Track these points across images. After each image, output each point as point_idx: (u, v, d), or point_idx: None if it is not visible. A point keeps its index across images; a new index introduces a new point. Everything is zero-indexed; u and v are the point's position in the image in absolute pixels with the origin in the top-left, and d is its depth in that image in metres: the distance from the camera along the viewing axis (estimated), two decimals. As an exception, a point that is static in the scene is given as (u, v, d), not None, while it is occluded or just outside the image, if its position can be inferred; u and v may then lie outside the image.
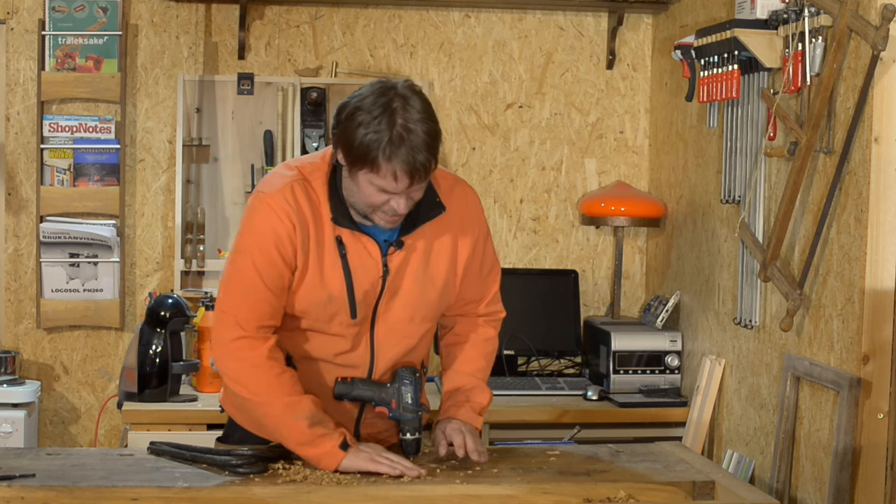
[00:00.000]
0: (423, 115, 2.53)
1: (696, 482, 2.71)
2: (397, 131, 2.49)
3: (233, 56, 4.61)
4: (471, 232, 2.80)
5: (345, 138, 2.54)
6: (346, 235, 2.66)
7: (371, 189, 2.56)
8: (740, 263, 3.81)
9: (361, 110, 2.51)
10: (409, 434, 2.74)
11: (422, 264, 2.73)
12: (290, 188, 2.64)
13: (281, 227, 2.62)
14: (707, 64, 3.81)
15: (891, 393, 3.11)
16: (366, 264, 2.67)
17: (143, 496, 2.50)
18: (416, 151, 2.49)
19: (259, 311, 2.65)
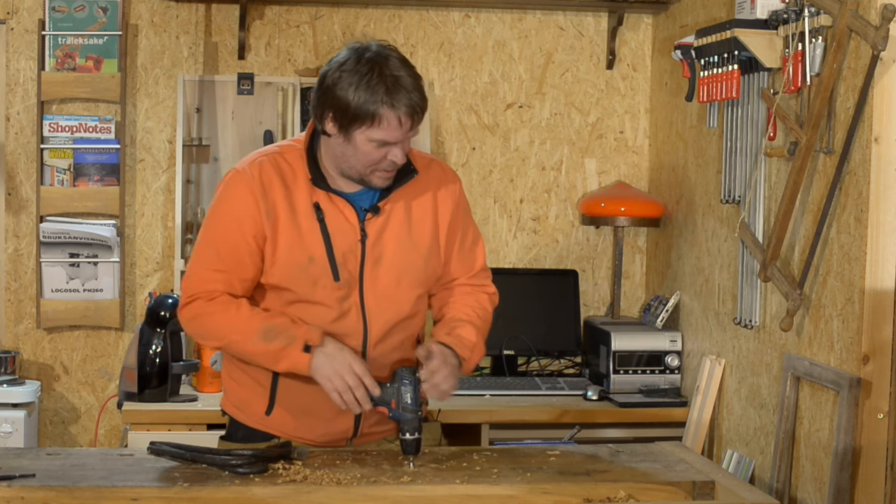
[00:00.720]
0: (404, 64, 2.66)
1: (696, 482, 2.71)
2: (390, 81, 2.61)
3: (233, 56, 4.61)
4: (450, 199, 2.87)
5: (336, 102, 2.63)
6: (324, 200, 2.74)
7: (370, 146, 2.65)
8: (740, 263, 3.81)
9: (346, 72, 2.63)
10: (409, 434, 2.74)
11: (404, 229, 2.79)
12: (258, 163, 2.75)
13: (241, 201, 2.72)
14: (707, 64, 3.81)
15: (891, 393, 3.11)
16: (343, 228, 2.75)
17: (143, 496, 2.50)
18: (412, 94, 2.63)
19: (210, 278, 2.74)
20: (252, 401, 2.87)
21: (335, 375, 2.69)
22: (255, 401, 2.86)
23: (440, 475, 2.69)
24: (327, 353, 2.70)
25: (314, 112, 2.71)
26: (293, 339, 2.70)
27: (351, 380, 2.70)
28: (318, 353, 2.70)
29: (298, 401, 2.83)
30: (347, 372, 2.69)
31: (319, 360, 2.69)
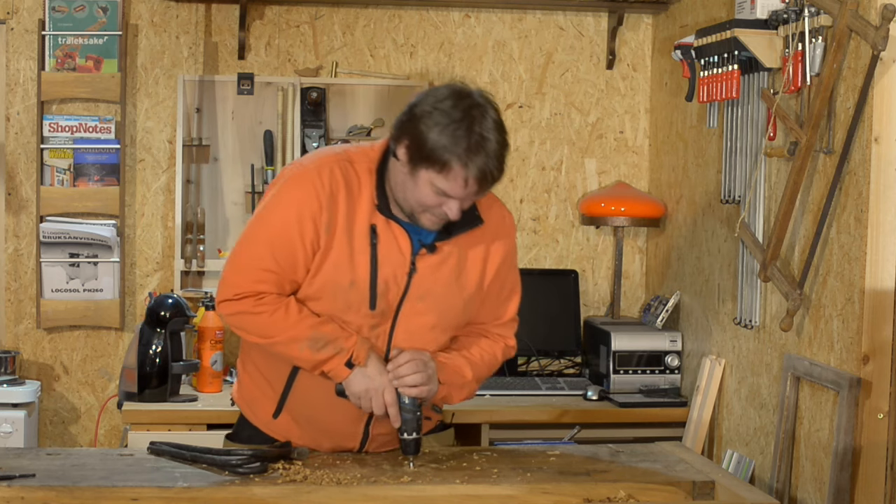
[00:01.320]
0: (498, 126, 2.56)
1: (696, 482, 2.71)
2: (475, 139, 2.51)
3: (233, 56, 4.61)
4: (502, 249, 2.81)
5: (416, 136, 2.55)
6: (381, 225, 2.67)
7: (429, 189, 2.57)
8: (740, 263, 3.81)
9: (439, 111, 2.54)
10: (408, 434, 2.74)
11: (454, 272, 2.74)
12: (329, 168, 2.66)
13: (307, 204, 2.63)
14: (707, 64, 3.81)
15: (891, 393, 3.11)
16: (393, 257, 2.68)
17: (143, 496, 2.50)
18: (490, 160, 2.53)
19: (262, 278, 2.66)
20: (261, 400, 2.88)
21: (365, 397, 2.70)
22: (265, 402, 2.87)
23: (440, 475, 2.69)
24: (366, 374, 2.69)
25: (393, 132, 2.63)
26: (340, 350, 2.68)
27: (377, 407, 2.71)
28: (358, 371, 2.69)
29: (307, 413, 2.83)
30: (377, 397, 2.70)
31: (357, 378, 2.69)
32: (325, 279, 2.67)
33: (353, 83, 4.65)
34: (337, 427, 2.83)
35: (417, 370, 2.69)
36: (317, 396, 2.78)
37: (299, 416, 2.84)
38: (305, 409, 2.82)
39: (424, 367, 2.71)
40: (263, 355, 2.82)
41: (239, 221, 4.55)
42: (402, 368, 2.69)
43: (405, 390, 2.70)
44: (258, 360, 2.86)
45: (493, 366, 2.90)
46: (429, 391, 2.72)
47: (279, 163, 4.52)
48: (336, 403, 2.77)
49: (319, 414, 2.81)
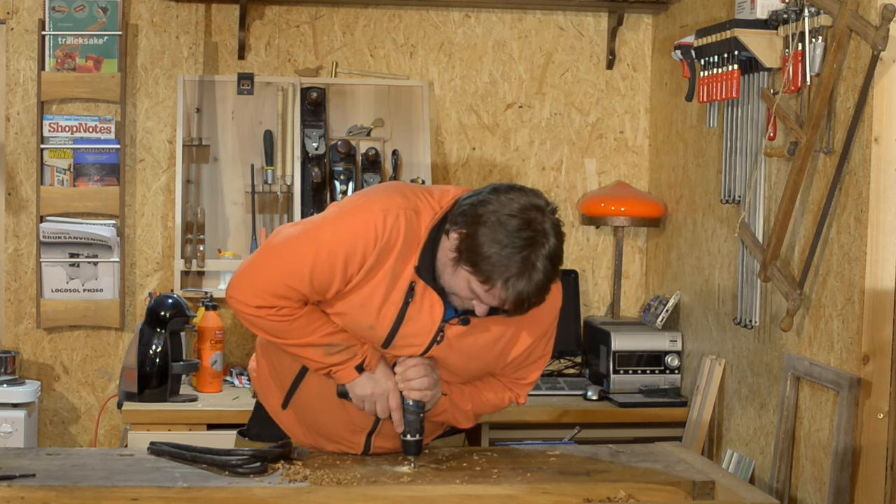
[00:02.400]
0: (553, 258, 2.51)
1: (696, 482, 2.71)
2: (526, 266, 2.47)
3: (233, 56, 4.61)
4: (538, 329, 2.77)
5: (472, 237, 2.50)
6: (420, 287, 2.63)
7: (464, 285, 2.55)
8: (740, 263, 3.80)
9: (503, 228, 2.48)
10: (410, 436, 2.74)
11: (479, 344, 2.71)
12: (395, 215, 2.59)
13: (362, 242, 2.58)
14: (707, 64, 3.81)
15: (891, 393, 3.11)
16: (423, 321, 2.65)
17: (143, 496, 2.50)
18: (531, 290, 2.50)
19: (288, 295, 2.62)
20: (273, 389, 2.89)
21: (370, 400, 2.71)
22: (276, 391, 2.89)
23: (440, 475, 2.69)
24: (372, 378, 2.70)
25: (455, 213, 2.56)
26: (354, 355, 2.68)
27: (381, 411, 2.71)
28: (365, 375, 2.70)
29: (310, 418, 2.84)
30: (381, 401, 2.71)
31: (362, 380, 2.70)
32: (348, 312, 2.65)
33: (353, 83, 4.65)
34: (338, 435, 2.83)
35: (424, 374, 2.69)
36: (320, 404, 2.79)
37: (302, 421, 2.85)
38: (309, 413, 2.83)
39: (431, 372, 2.71)
40: (276, 350, 2.83)
41: (239, 221, 4.55)
42: (409, 371, 2.69)
43: (410, 393, 2.70)
44: (272, 353, 2.86)
45: (498, 406, 2.88)
46: (433, 396, 2.72)
47: (279, 163, 4.52)
48: (339, 413, 2.78)
49: (322, 421, 2.82)
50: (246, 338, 4.58)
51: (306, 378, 2.79)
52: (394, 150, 4.59)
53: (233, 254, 4.49)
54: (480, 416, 2.90)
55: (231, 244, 4.53)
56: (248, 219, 4.53)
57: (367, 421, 2.79)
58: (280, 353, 2.81)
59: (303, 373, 2.79)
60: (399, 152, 4.58)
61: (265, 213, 4.53)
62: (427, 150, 4.60)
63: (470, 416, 2.87)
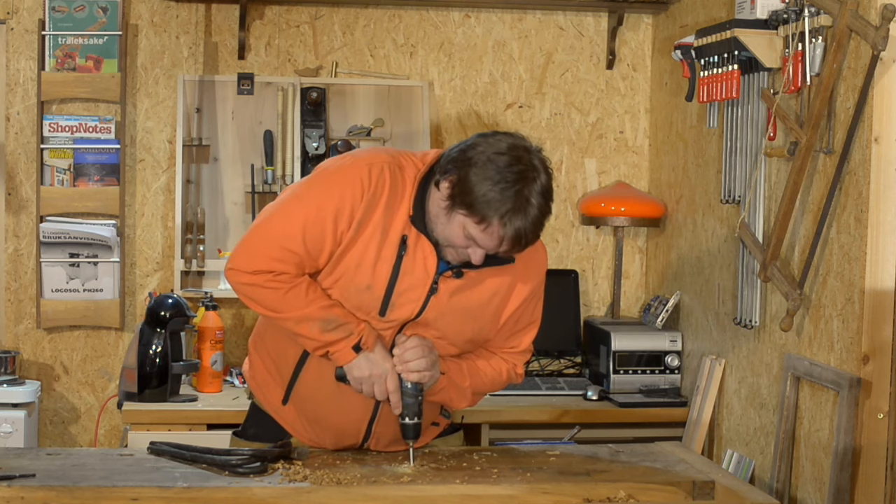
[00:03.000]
0: (545, 192, 2.55)
1: (696, 482, 2.71)
2: (520, 201, 2.51)
3: (233, 56, 4.61)
4: (528, 288, 2.79)
5: (463, 180, 2.53)
6: (412, 238, 2.65)
7: (460, 231, 2.57)
8: (740, 263, 3.81)
9: (493, 166, 2.52)
10: (409, 419, 2.73)
11: (473, 299, 2.72)
12: (380, 167, 2.65)
13: (350, 195, 2.62)
14: (707, 64, 3.81)
15: (891, 393, 3.11)
16: (417, 273, 2.67)
17: (143, 496, 2.50)
18: (528, 225, 2.53)
19: (284, 258, 2.63)
20: (272, 386, 2.89)
21: (367, 382, 2.71)
22: (275, 387, 2.89)
23: (440, 475, 2.69)
24: (370, 359, 2.70)
25: (443, 163, 2.61)
26: (349, 333, 2.67)
27: (379, 393, 2.71)
28: (363, 356, 2.69)
29: (310, 407, 2.84)
30: (379, 383, 2.70)
31: (360, 362, 2.70)
32: (342, 276, 2.67)
33: (353, 83, 4.65)
34: (339, 424, 2.83)
35: (422, 356, 2.69)
36: (321, 391, 2.79)
37: (302, 413, 2.85)
38: (309, 403, 2.83)
39: (429, 353, 2.71)
40: (274, 340, 2.83)
41: (239, 221, 4.55)
42: (407, 353, 2.69)
43: (408, 375, 2.70)
44: (269, 345, 2.86)
45: (497, 382, 2.88)
46: (431, 377, 2.72)
47: (279, 163, 4.52)
48: (339, 402, 2.78)
49: (322, 409, 2.82)
50: (246, 338, 4.58)
51: (305, 369, 2.79)
52: (394, 150, 4.59)
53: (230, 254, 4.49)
54: (478, 394, 2.88)
55: (231, 244, 4.53)
56: (248, 219, 4.53)
57: (367, 409, 2.79)
58: (277, 344, 2.82)
59: (301, 364, 2.79)
60: (399, 152, 4.58)
61: (265, 213, 4.53)
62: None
63: (468, 394, 2.85)
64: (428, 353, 2.71)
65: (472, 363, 2.83)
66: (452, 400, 2.85)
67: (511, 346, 2.88)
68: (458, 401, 2.86)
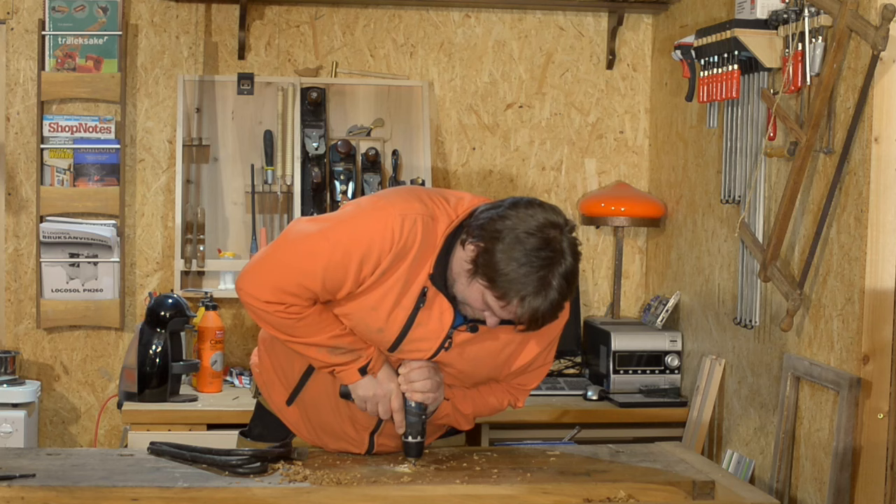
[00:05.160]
0: (569, 277, 2.52)
1: (696, 482, 2.71)
2: (542, 284, 2.47)
3: (233, 56, 4.61)
4: (542, 343, 2.77)
5: (489, 252, 2.48)
6: (432, 293, 2.62)
7: (478, 297, 2.54)
8: (740, 263, 3.80)
9: (521, 246, 2.48)
10: (412, 438, 2.74)
11: (485, 350, 2.71)
12: (413, 220, 2.58)
13: (378, 244, 2.56)
14: (707, 64, 3.81)
15: (891, 393, 3.11)
16: (432, 327, 2.65)
17: (143, 496, 2.50)
18: (546, 308, 2.49)
19: (300, 294, 2.61)
20: (277, 387, 2.89)
21: (371, 401, 2.71)
22: (280, 389, 2.89)
23: (440, 475, 2.69)
24: (376, 379, 2.70)
25: (473, 225, 2.54)
26: (358, 357, 2.68)
27: (383, 412, 2.72)
28: (368, 377, 2.70)
29: (315, 416, 2.85)
30: (384, 402, 2.71)
31: (365, 382, 2.70)
32: (357, 313, 2.64)
33: (353, 83, 4.65)
34: (342, 433, 2.84)
35: (428, 377, 2.69)
36: (326, 402, 2.80)
37: (307, 415, 2.85)
38: (313, 410, 2.83)
39: (434, 375, 2.71)
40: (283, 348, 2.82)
41: (239, 221, 4.55)
42: (413, 373, 2.69)
43: (413, 395, 2.70)
44: (278, 349, 2.85)
45: (497, 410, 2.89)
46: (435, 399, 2.72)
47: (279, 163, 4.52)
48: (343, 411, 2.79)
49: (326, 419, 2.83)
50: (246, 338, 4.59)
51: (312, 377, 2.79)
52: (394, 150, 4.59)
53: (233, 254, 4.49)
54: (479, 417, 2.91)
55: (231, 244, 4.53)
56: (248, 219, 4.53)
57: (370, 419, 2.80)
58: (286, 353, 2.81)
59: (309, 373, 2.79)
60: (399, 152, 4.58)
61: (265, 214, 4.54)
62: (427, 150, 4.60)
63: (470, 419, 2.88)
64: (433, 375, 2.70)
65: (476, 393, 2.84)
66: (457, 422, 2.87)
67: (520, 382, 2.87)
68: (461, 424, 2.88)
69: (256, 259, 2.68)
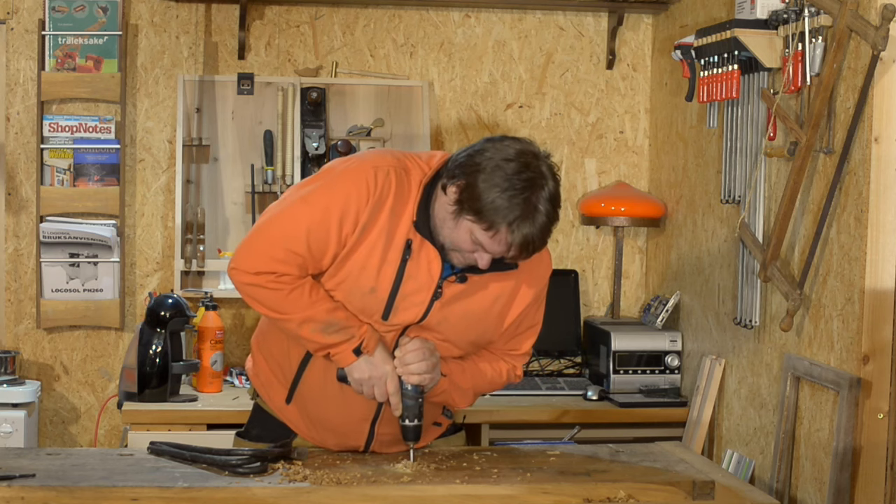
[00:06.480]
0: (553, 199, 2.55)
1: (696, 482, 2.71)
2: (528, 208, 2.50)
3: (233, 56, 4.61)
4: (532, 293, 2.79)
5: (471, 186, 2.52)
6: (417, 242, 2.64)
7: (467, 237, 2.56)
8: (740, 263, 3.81)
9: (502, 171, 2.51)
10: (409, 420, 2.73)
11: (476, 304, 2.72)
12: (386, 171, 2.63)
13: (355, 199, 2.61)
14: (707, 64, 3.81)
15: (891, 393, 3.11)
16: (421, 277, 2.66)
17: (143, 496, 2.50)
18: (536, 232, 2.53)
19: (287, 259, 2.63)
20: (275, 385, 2.89)
21: (367, 384, 2.71)
22: (278, 387, 2.89)
23: (440, 475, 2.69)
24: (370, 361, 2.69)
25: (451, 167, 2.59)
26: (351, 337, 2.67)
27: (379, 395, 2.71)
28: (363, 358, 2.69)
29: (313, 408, 2.85)
30: (379, 385, 2.70)
31: (361, 364, 2.70)
32: (348, 278, 2.66)
33: (353, 83, 4.65)
34: (342, 425, 2.83)
35: (423, 358, 2.69)
36: (324, 392, 2.79)
37: (306, 410, 2.85)
38: (312, 403, 2.83)
39: (430, 356, 2.71)
40: (277, 341, 2.83)
41: (239, 221, 4.55)
42: (408, 356, 2.69)
43: (409, 377, 2.70)
44: (272, 345, 2.86)
45: (497, 382, 2.88)
46: (431, 379, 2.72)
47: (279, 163, 4.52)
48: (342, 403, 2.78)
49: (325, 410, 2.82)
50: (246, 338, 4.59)
51: (308, 370, 2.79)
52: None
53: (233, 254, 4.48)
54: (479, 394, 2.89)
55: (231, 244, 4.53)
56: (248, 219, 4.54)
57: (369, 409, 2.79)
58: (280, 346, 2.82)
59: (304, 365, 2.79)
60: (399, 152, 4.58)
61: (265, 213, 4.53)
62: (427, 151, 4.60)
63: (469, 395, 2.86)
64: (429, 356, 2.70)
65: (473, 364, 2.84)
66: (454, 401, 2.86)
67: (512, 348, 2.87)
68: (460, 401, 2.87)
69: (245, 238, 2.73)
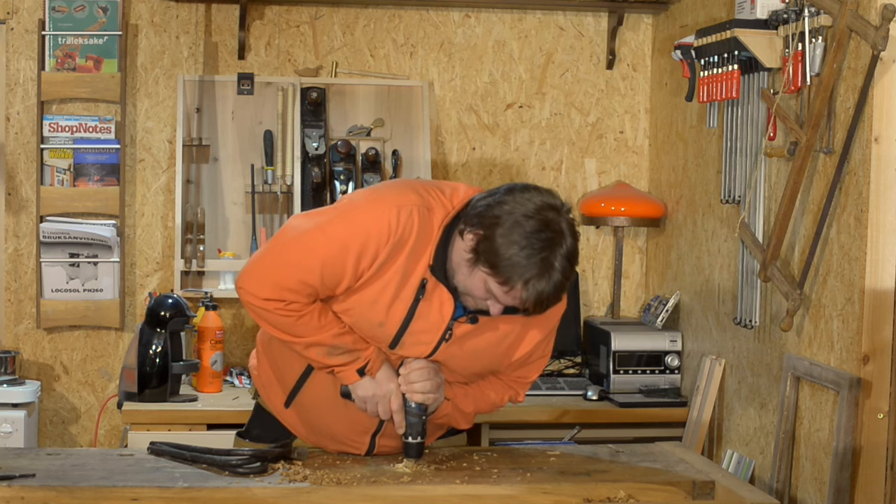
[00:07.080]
0: (570, 257, 2.53)
1: (696, 482, 2.71)
2: (545, 266, 2.48)
3: (233, 56, 4.61)
4: (542, 331, 2.77)
5: (489, 239, 2.48)
6: (431, 284, 2.61)
7: (481, 286, 2.53)
8: (740, 263, 3.81)
9: (521, 228, 2.47)
10: (412, 438, 2.74)
11: (485, 342, 2.70)
12: (409, 211, 2.57)
13: (375, 237, 2.56)
14: (707, 64, 3.81)
15: (891, 393, 3.11)
16: (432, 318, 2.64)
17: (143, 496, 2.50)
18: (550, 289, 2.51)
19: (298, 290, 2.60)
20: (276, 388, 2.89)
21: (371, 402, 2.71)
22: (278, 390, 2.88)
23: (440, 475, 2.69)
24: (375, 380, 2.69)
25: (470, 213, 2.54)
26: (356, 358, 2.67)
27: (383, 412, 2.71)
28: (367, 378, 2.70)
29: (312, 419, 2.85)
30: (383, 403, 2.70)
31: (365, 383, 2.70)
32: (357, 307, 2.64)
33: (353, 83, 4.65)
34: (342, 434, 2.83)
35: (428, 377, 2.69)
36: (325, 405, 2.79)
37: (306, 417, 2.85)
38: (312, 412, 2.83)
39: (435, 375, 2.70)
40: (280, 349, 2.82)
41: (239, 221, 4.55)
42: (413, 374, 2.68)
43: (413, 396, 2.69)
44: (276, 351, 2.85)
45: (498, 405, 2.89)
46: (435, 399, 2.71)
47: (279, 163, 4.52)
48: (342, 414, 2.78)
49: (325, 421, 2.82)
50: (246, 338, 4.59)
51: (310, 380, 2.79)
52: (394, 150, 4.60)
53: (233, 254, 4.49)
54: (480, 414, 2.90)
55: (231, 244, 4.53)
56: (248, 219, 4.53)
57: (371, 422, 2.79)
58: (283, 354, 2.81)
59: (306, 374, 2.79)
60: (399, 152, 4.58)
61: (265, 213, 4.54)
62: (427, 150, 4.60)
63: (470, 418, 2.88)
64: (434, 376, 2.70)
65: (477, 389, 2.83)
66: (457, 423, 2.87)
67: (521, 376, 2.86)
68: (462, 424, 2.88)
69: (255, 258, 2.68)
